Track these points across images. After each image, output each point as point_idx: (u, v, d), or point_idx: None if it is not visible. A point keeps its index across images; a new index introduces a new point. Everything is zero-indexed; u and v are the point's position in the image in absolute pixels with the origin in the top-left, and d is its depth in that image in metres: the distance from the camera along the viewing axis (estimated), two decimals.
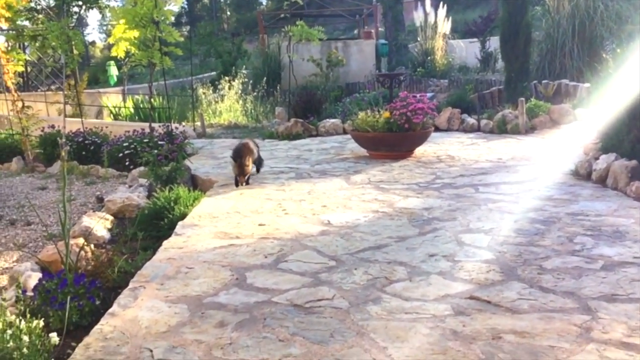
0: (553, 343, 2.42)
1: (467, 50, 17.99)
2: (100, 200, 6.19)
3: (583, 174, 5.62)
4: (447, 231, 4.09)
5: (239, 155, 5.92)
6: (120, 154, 7.84)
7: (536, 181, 5.60)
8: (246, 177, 5.94)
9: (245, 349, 2.50)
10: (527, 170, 6.16)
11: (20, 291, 2.75)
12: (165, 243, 4.08)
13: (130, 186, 6.50)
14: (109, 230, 4.91)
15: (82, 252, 3.99)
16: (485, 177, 5.88)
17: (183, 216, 4.78)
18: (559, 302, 2.85)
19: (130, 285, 3.29)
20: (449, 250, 3.69)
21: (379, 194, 5.34)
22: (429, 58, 16.84)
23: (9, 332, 2.43)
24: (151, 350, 2.51)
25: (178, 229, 4.41)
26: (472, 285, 3.11)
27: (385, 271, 3.36)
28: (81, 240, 4.25)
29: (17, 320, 2.45)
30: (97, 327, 2.76)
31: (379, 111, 7.53)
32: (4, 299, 2.53)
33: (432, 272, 3.32)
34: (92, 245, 4.31)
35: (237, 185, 5.93)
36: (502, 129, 9.11)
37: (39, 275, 3.61)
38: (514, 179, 5.75)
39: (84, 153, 8.23)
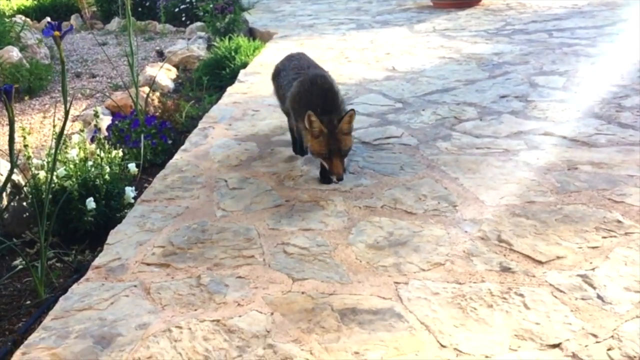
0: (632, 172, 2.35)
1: None
2: (160, 54, 6.18)
3: None
4: (519, 74, 3.91)
5: (320, 101, 2.38)
6: (176, 9, 7.72)
7: (615, 26, 5.22)
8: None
9: (316, 181, 2.53)
10: (605, 15, 5.74)
11: (98, 121, 2.81)
12: (230, 89, 4.08)
13: (189, 39, 6.46)
14: (173, 80, 4.95)
15: (149, 99, 4.06)
16: (560, 23, 5.52)
17: (244, 65, 4.74)
18: (639, 136, 2.73)
19: (200, 125, 3.34)
20: (521, 91, 3.55)
21: (445, 41, 5.11)
22: None
23: (90, 162, 2.53)
24: (226, 181, 2.58)
25: (241, 76, 4.39)
26: (547, 122, 3.00)
27: (454, 111, 3.28)
28: (147, 89, 4.31)
29: (98, 150, 2.54)
30: (172, 161, 2.84)
31: None
32: (82, 130, 2.60)
33: (503, 112, 3.21)
34: (158, 93, 4.37)
35: (324, 179, 2.52)
36: None
37: (110, 118, 3.72)
38: (590, 23, 5.38)
39: (140, 9, 8.13)
